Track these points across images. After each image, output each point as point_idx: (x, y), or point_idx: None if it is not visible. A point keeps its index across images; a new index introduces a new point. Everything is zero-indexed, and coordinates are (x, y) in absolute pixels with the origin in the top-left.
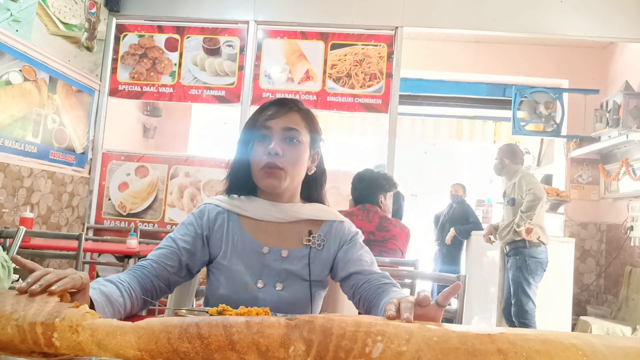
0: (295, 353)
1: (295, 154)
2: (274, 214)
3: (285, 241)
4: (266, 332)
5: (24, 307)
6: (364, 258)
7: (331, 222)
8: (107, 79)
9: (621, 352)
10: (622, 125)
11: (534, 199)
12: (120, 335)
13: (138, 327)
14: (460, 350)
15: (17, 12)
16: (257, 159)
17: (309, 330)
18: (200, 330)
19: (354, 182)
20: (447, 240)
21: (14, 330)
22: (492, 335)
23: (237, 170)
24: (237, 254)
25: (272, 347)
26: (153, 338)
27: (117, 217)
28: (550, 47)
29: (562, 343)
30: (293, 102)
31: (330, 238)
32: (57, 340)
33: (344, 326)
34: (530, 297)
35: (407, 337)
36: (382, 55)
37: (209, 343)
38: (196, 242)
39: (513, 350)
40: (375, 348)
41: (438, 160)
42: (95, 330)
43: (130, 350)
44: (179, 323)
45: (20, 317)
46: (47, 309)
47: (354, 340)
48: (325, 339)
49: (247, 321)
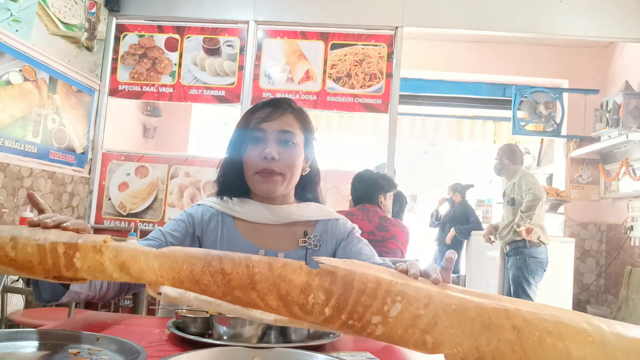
0: (315, 301)
1: (292, 157)
2: (267, 216)
3: (280, 243)
4: (288, 277)
5: (43, 232)
6: (364, 251)
7: (326, 220)
8: (107, 79)
9: (628, 343)
10: (622, 125)
11: (533, 198)
12: (144, 260)
13: (162, 255)
14: (477, 321)
15: (17, 12)
16: (251, 162)
17: (330, 282)
18: (223, 266)
19: (354, 182)
20: (447, 240)
21: (34, 249)
22: (508, 311)
23: (229, 172)
24: None
25: (292, 292)
26: (176, 267)
27: (117, 217)
28: (550, 47)
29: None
30: (287, 103)
31: (327, 237)
32: (78, 260)
33: (365, 282)
34: (531, 297)
35: (425, 301)
36: (382, 55)
37: (231, 279)
38: (185, 239)
39: (527, 329)
40: (393, 308)
41: (438, 160)
42: (119, 252)
43: (152, 275)
44: (203, 256)
45: (41, 238)
46: (68, 233)
47: (374, 297)
48: (346, 292)
49: (270, 263)
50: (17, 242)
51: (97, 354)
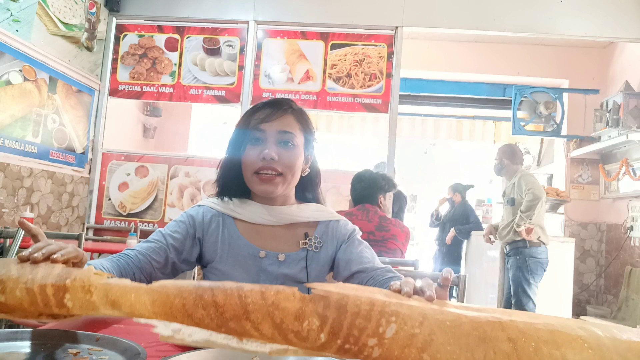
0: (310, 327)
1: (291, 158)
2: (268, 217)
3: (281, 245)
4: (281, 304)
5: (31, 271)
6: (364, 254)
7: (327, 222)
8: (107, 79)
9: (624, 345)
10: (622, 125)
11: (533, 198)
12: (135, 296)
13: (153, 291)
14: (472, 335)
15: (17, 12)
16: (250, 163)
17: (324, 306)
18: (215, 298)
19: (354, 182)
20: (447, 240)
21: (23, 292)
22: (503, 323)
23: (229, 173)
24: (233, 258)
25: (287, 319)
26: (168, 302)
27: (117, 217)
28: (550, 47)
29: (569, 335)
30: (287, 103)
31: (327, 238)
32: (69, 301)
33: (359, 304)
34: (531, 297)
35: (420, 320)
36: (382, 55)
37: (224, 311)
38: (186, 240)
39: (522, 339)
40: (389, 328)
41: (438, 160)
42: (109, 290)
43: (145, 311)
44: (194, 289)
45: (29, 280)
46: (56, 272)
47: (368, 319)
48: (340, 316)
49: (263, 292)
50: (6, 287)
51: (97, 354)
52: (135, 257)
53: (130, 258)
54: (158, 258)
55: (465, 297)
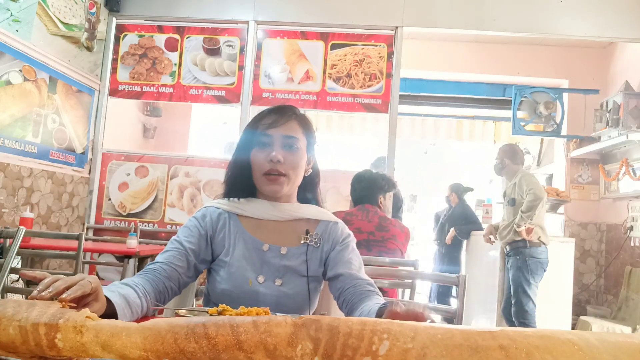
0: (303, 352)
1: (295, 160)
2: (273, 212)
3: (284, 239)
4: (273, 331)
5: (26, 310)
6: (353, 262)
7: (327, 222)
8: (107, 79)
9: (613, 345)
10: (622, 125)
11: (534, 199)
12: (126, 336)
13: (144, 328)
14: (464, 346)
15: (17, 12)
16: (259, 164)
17: (316, 329)
18: (207, 330)
19: (353, 182)
20: (447, 240)
21: (16, 331)
22: (493, 332)
23: (237, 175)
24: (239, 251)
25: (280, 346)
26: (159, 338)
27: (117, 217)
28: (550, 47)
29: (559, 339)
30: (291, 110)
31: (325, 238)
32: (60, 341)
33: (350, 325)
34: (531, 297)
35: (412, 335)
36: (382, 55)
37: (216, 343)
38: (200, 242)
39: (514, 346)
40: (382, 346)
41: (438, 160)
42: (100, 331)
43: (136, 350)
44: (185, 323)
45: (23, 318)
46: (51, 311)
47: (361, 338)
48: (333, 337)
49: (255, 321)
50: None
51: None
52: (160, 269)
53: (157, 271)
54: (181, 263)
55: (465, 297)
